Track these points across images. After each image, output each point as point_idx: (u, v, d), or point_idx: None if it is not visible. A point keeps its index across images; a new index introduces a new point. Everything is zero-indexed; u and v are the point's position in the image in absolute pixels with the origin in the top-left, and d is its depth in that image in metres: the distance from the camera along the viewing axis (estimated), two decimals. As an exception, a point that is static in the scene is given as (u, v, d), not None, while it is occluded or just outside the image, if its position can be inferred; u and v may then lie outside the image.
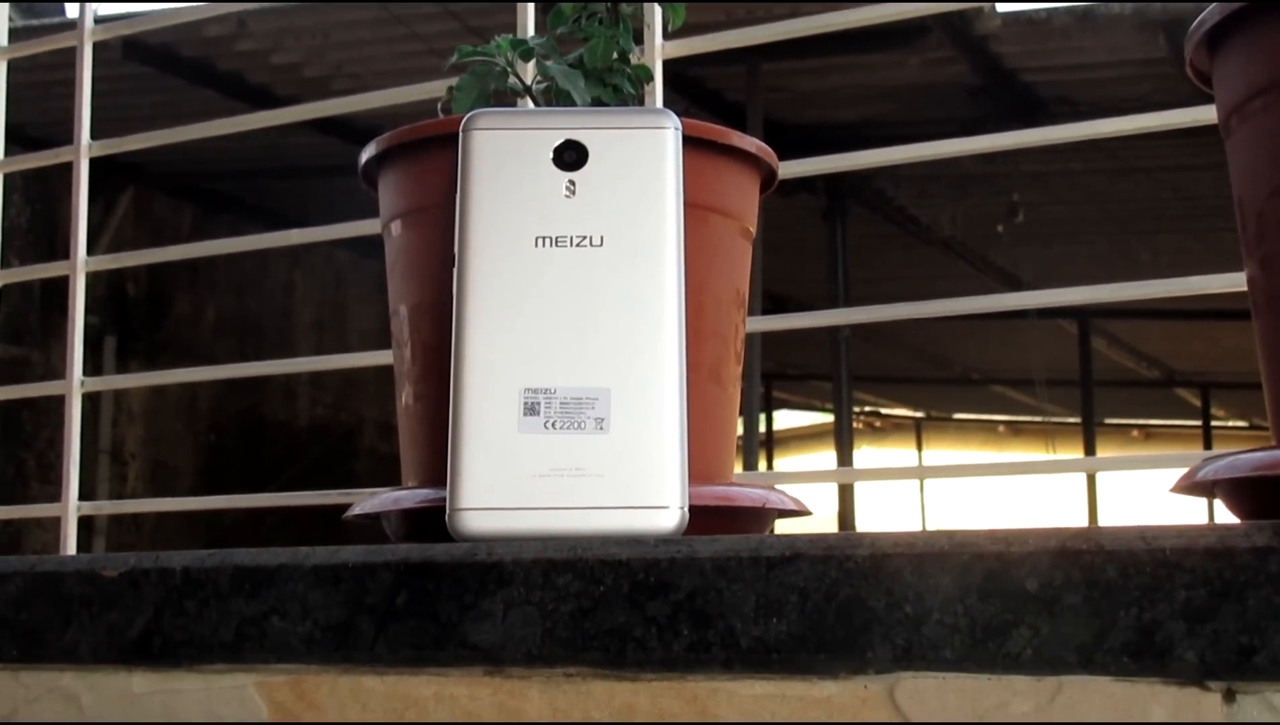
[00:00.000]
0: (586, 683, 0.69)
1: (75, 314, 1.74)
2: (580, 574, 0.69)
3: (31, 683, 0.80)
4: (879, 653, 0.63)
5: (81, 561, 0.79)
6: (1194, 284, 1.33)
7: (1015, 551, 0.61)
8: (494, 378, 0.76)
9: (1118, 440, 12.49)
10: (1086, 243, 7.27)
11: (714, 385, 0.86)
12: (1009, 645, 0.61)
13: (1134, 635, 0.59)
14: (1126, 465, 1.63)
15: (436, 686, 0.72)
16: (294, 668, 0.74)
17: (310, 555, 0.74)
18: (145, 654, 0.77)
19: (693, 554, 0.67)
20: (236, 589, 0.75)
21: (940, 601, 0.62)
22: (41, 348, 5.92)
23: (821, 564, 0.64)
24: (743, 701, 0.66)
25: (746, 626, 0.66)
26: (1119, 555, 0.60)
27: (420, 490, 0.83)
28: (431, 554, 0.72)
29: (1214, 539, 0.58)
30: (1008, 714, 0.61)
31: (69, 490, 1.69)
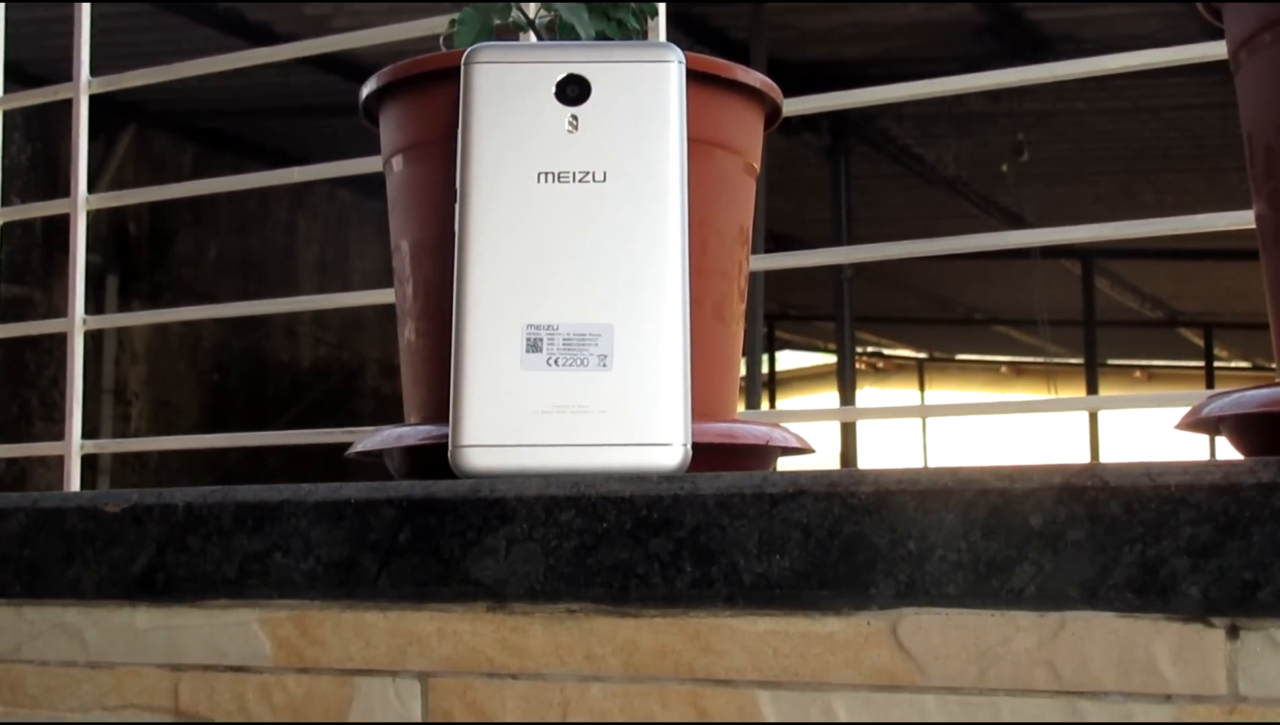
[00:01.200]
0: (589, 619, 0.69)
1: (76, 252, 1.74)
2: (583, 510, 0.69)
3: (35, 618, 0.81)
4: (882, 589, 0.63)
5: (84, 498, 0.79)
6: (1200, 222, 1.33)
7: (1019, 488, 0.61)
8: (496, 314, 0.76)
9: (1120, 381, 12.49)
10: (1091, 183, 7.24)
11: (717, 322, 0.85)
12: (1012, 581, 0.61)
13: (1138, 571, 0.59)
14: (1129, 404, 1.63)
15: (439, 623, 0.72)
16: (297, 604, 0.74)
17: (312, 492, 0.74)
18: (148, 590, 0.77)
19: (696, 490, 0.67)
20: (239, 525, 0.75)
21: (944, 538, 0.62)
22: (44, 287, 5.92)
23: (825, 500, 0.64)
24: (745, 638, 0.66)
25: (749, 563, 0.65)
26: (1123, 491, 0.59)
27: (423, 427, 0.83)
28: (434, 490, 0.72)
29: (1219, 475, 0.58)
30: (1011, 650, 0.61)
31: (72, 428, 1.69)
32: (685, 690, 0.67)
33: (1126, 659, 0.60)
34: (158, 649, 0.77)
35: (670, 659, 0.67)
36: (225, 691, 0.76)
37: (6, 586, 0.81)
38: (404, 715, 0.72)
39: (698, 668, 0.67)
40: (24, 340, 5.54)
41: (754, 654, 0.66)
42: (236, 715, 0.75)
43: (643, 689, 0.68)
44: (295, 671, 0.74)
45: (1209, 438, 0.83)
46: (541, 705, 0.69)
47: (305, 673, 0.74)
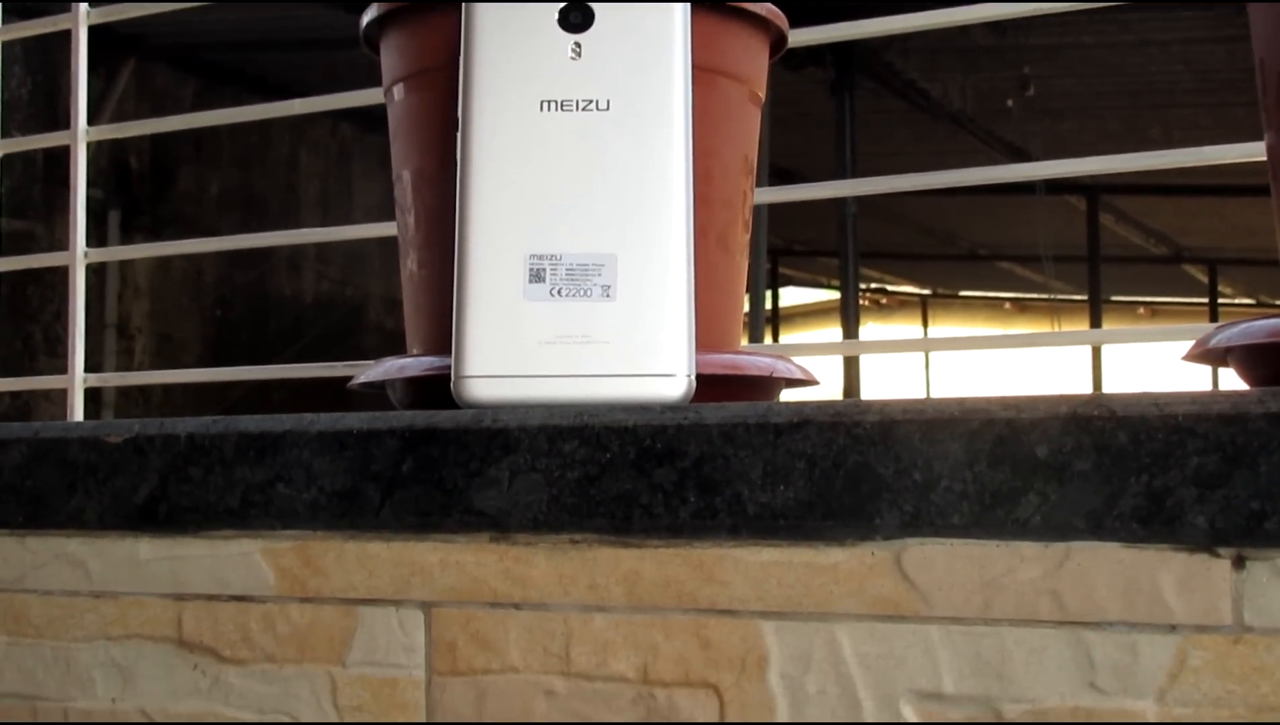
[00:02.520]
0: (592, 549, 0.69)
1: (77, 185, 1.73)
2: (586, 441, 0.68)
3: (38, 549, 0.80)
4: (887, 519, 0.63)
5: (86, 428, 0.79)
6: (1207, 154, 1.31)
7: (1025, 418, 0.61)
8: (499, 244, 0.75)
9: (1124, 317, 12.48)
10: (1097, 118, 7.20)
11: (721, 253, 0.85)
12: (1018, 512, 0.61)
13: (1144, 501, 0.59)
14: (1133, 338, 1.62)
15: (442, 553, 0.72)
16: (300, 534, 0.74)
17: (315, 422, 0.74)
18: (151, 520, 0.77)
19: (700, 420, 0.67)
20: (241, 456, 0.75)
21: (949, 468, 0.62)
22: (45, 222, 5.90)
23: (830, 430, 0.64)
24: (749, 568, 0.66)
25: (754, 493, 0.65)
26: (1131, 421, 0.59)
27: (425, 358, 0.82)
28: (437, 421, 0.71)
29: (1227, 405, 0.58)
30: (1015, 580, 0.61)
31: (74, 361, 1.69)
32: (688, 620, 0.67)
33: (1131, 589, 0.60)
34: (161, 579, 0.77)
35: (673, 589, 0.67)
36: (228, 621, 0.76)
37: (9, 517, 0.81)
38: (407, 645, 0.72)
39: (701, 598, 0.67)
40: (27, 275, 5.53)
41: (758, 584, 0.66)
42: (240, 645, 0.75)
43: (646, 619, 0.68)
44: (298, 601, 0.74)
45: (1211, 372, 0.83)
46: (544, 635, 0.69)
47: (308, 603, 0.74)
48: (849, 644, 0.64)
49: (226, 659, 0.76)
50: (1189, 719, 0.59)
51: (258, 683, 0.75)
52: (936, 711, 0.63)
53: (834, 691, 0.64)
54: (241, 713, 0.75)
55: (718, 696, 0.66)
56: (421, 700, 0.72)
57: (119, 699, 0.78)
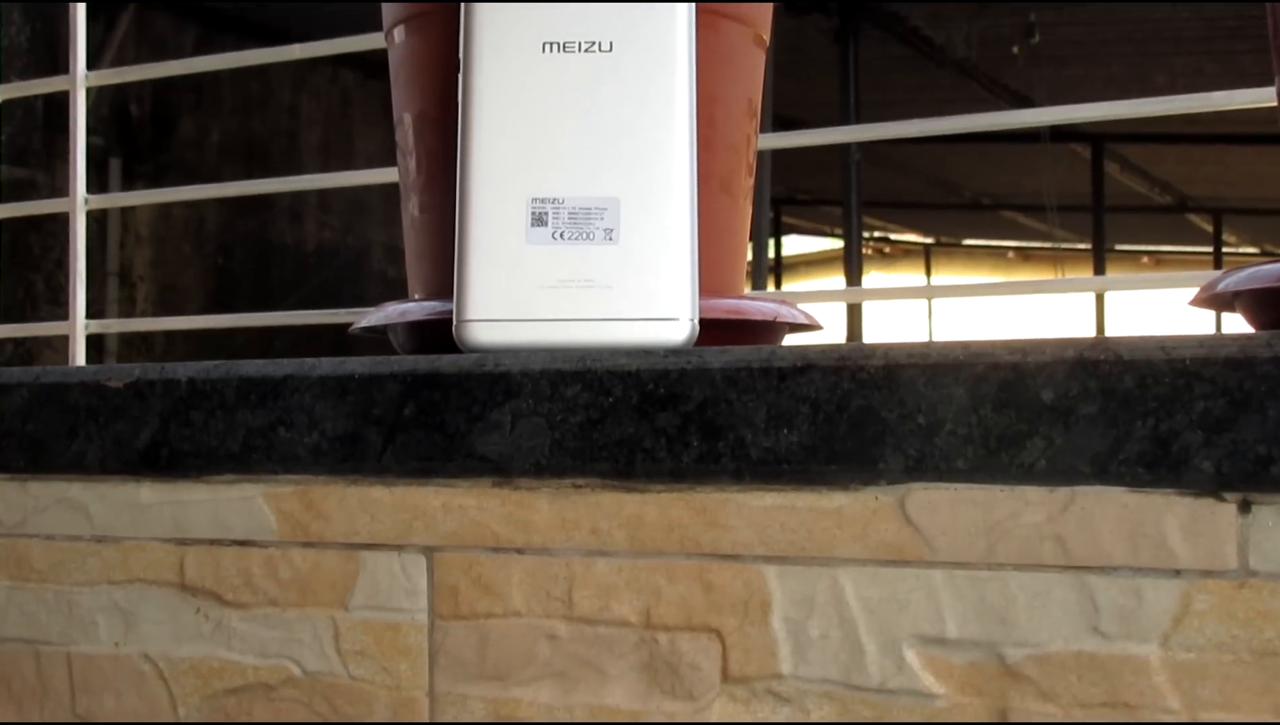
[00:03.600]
0: (595, 494, 0.69)
1: (76, 130, 1.72)
2: (589, 385, 0.68)
3: (40, 493, 0.80)
4: (891, 464, 0.63)
5: (87, 372, 0.79)
6: (1216, 100, 1.30)
7: (1031, 361, 0.60)
8: (501, 187, 0.74)
9: (1128, 267, 12.45)
10: (1102, 66, 7.15)
11: (725, 197, 0.84)
12: (1022, 456, 0.60)
13: (1150, 446, 0.58)
14: (1138, 285, 1.61)
15: (444, 498, 0.71)
16: (301, 479, 0.74)
17: (316, 366, 0.74)
18: (152, 465, 0.77)
19: (703, 364, 0.66)
20: (243, 400, 0.75)
21: (954, 412, 0.61)
22: (46, 170, 5.88)
23: (834, 374, 0.64)
24: (752, 513, 0.66)
25: (757, 437, 0.65)
26: (1137, 365, 0.59)
27: (427, 302, 0.82)
28: (438, 365, 0.71)
29: (1235, 349, 0.57)
30: (1019, 525, 0.61)
31: (76, 308, 1.69)
32: (691, 565, 0.67)
33: (1136, 534, 0.59)
34: (163, 523, 0.77)
35: (676, 534, 0.67)
36: (231, 566, 0.76)
37: (10, 461, 0.80)
38: (410, 590, 0.72)
39: (704, 543, 0.67)
40: (28, 223, 5.51)
41: (761, 529, 0.66)
42: (242, 589, 0.75)
43: (649, 564, 0.68)
44: (300, 546, 0.74)
45: (1215, 319, 0.82)
46: (547, 580, 0.69)
47: (310, 547, 0.74)
48: (852, 588, 0.64)
49: (229, 603, 0.76)
50: (1193, 664, 0.59)
51: (260, 627, 0.75)
52: (940, 656, 0.63)
53: (837, 636, 0.64)
54: (244, 656, 0.76)
55: (720, 641, 0.66)
56: (424, 644, 0.72)
57: (122, 643, 0.78)
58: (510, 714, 0.70)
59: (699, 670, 0.67)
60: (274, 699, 0.75)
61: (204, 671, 0.76)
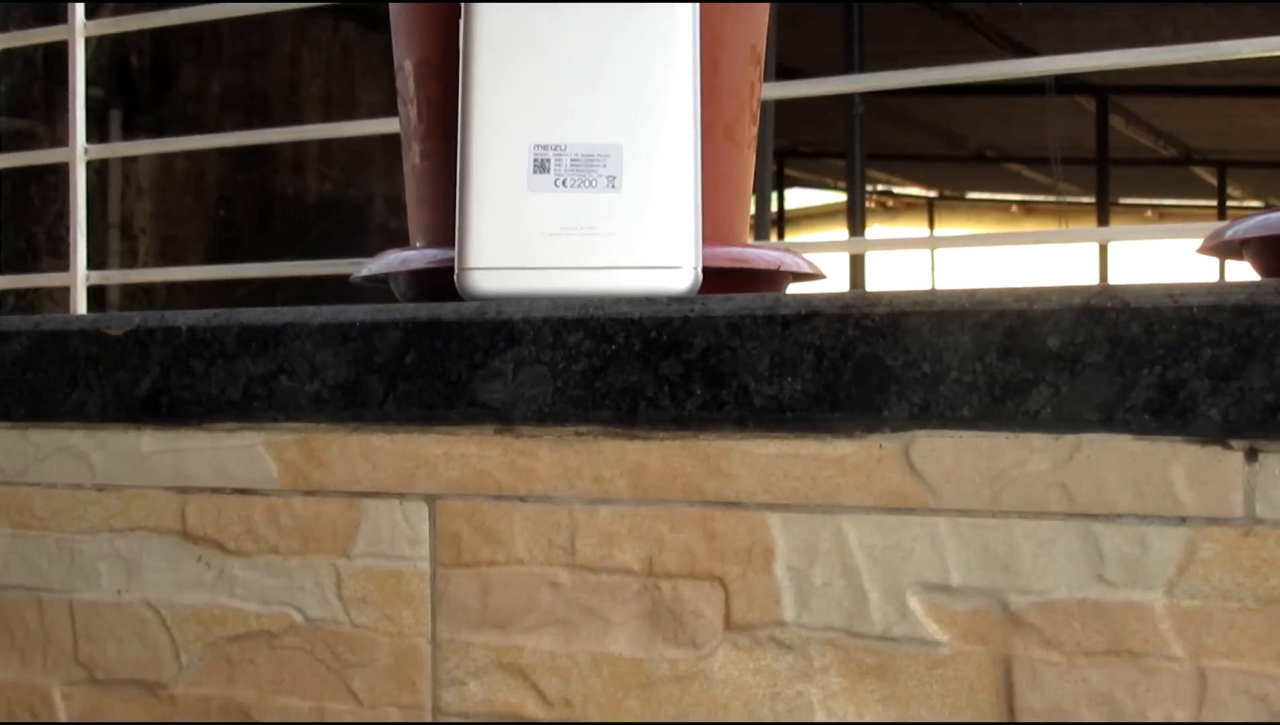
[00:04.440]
0: (598, 441, 0.68)
1: (76, 80, 1.71)
2: (591, 332, 0.68)
3: (41, 442, 0.80)
4: (895, 411, 0.62)
5: (86, 320, 0.78)
6: (1223, 50, 1.29)
7: (1037, 309, 0.60)
8: (502, 134, 0.74)
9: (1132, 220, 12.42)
10: (1108, 18, 7.11)
11: (728, 145, 0.83)
12: (1028, 403, 0.60)
13: (1156, 393, 0.58)
14: (1142, 236, 1.61)
15: (446, 446, 0.71)
16: (303, 427, 0.74)
17: (317, 314, 0.73)
18: (153, 413, 0.77)
19: (706, 312, 0.66)
20: (243, 348, 0.74)
21: (959, 359, 0.61)
22: (46, 121, 5.86)
23: (838, 322, 0.63)
24: (755, 461, 0.65)
25: (760, 385, 0.65)
26: (1144, 312, 0.58)
27: (428, 251, 0.81)
28: (440, 313, 0.71)
29: (1243, 296, 0.57)
30: (1024, 473, 0.61)
31: (77, 258, 1.68)
32: (694, 513, 0.67)
33: (1142, 482, 0.59)
34: (164, 472, 0.77)
35: (679, 482, 0.67)
36: (232, 514, 0.76)
37: (11, 409, 0.80)
38: (412, 538, 0.72)
39: (707, 490, 0.66)
40: (29, 175, 5.50)
41: (764, 477, 0.65)
42: (244, 537, 0.75)
43: (651, 512, 0.67)
44: (302, 494, 0.74)
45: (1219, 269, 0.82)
46: (549, 527, 0.69)
47: (312, 495, 0.74)
48: (856, 536, 0.64)
49: (231, 551, 0.76)
50: (1197, 611, 0.58)
51: (262, 575, 0.75)
52: (943, 603, 0.62)
53: (840, 584, 0.64)
54: (247, 604, 0.75)
55: (723, 588, 0.66)
56: (426, 592, 0.71)
57: (124, 591, 0.78)
58: (513, 661, 0.70)
59: (702, 618, 0.67)
60: (276, 646, 0.75)
61: (206, 619, 0.76)
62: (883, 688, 0.64)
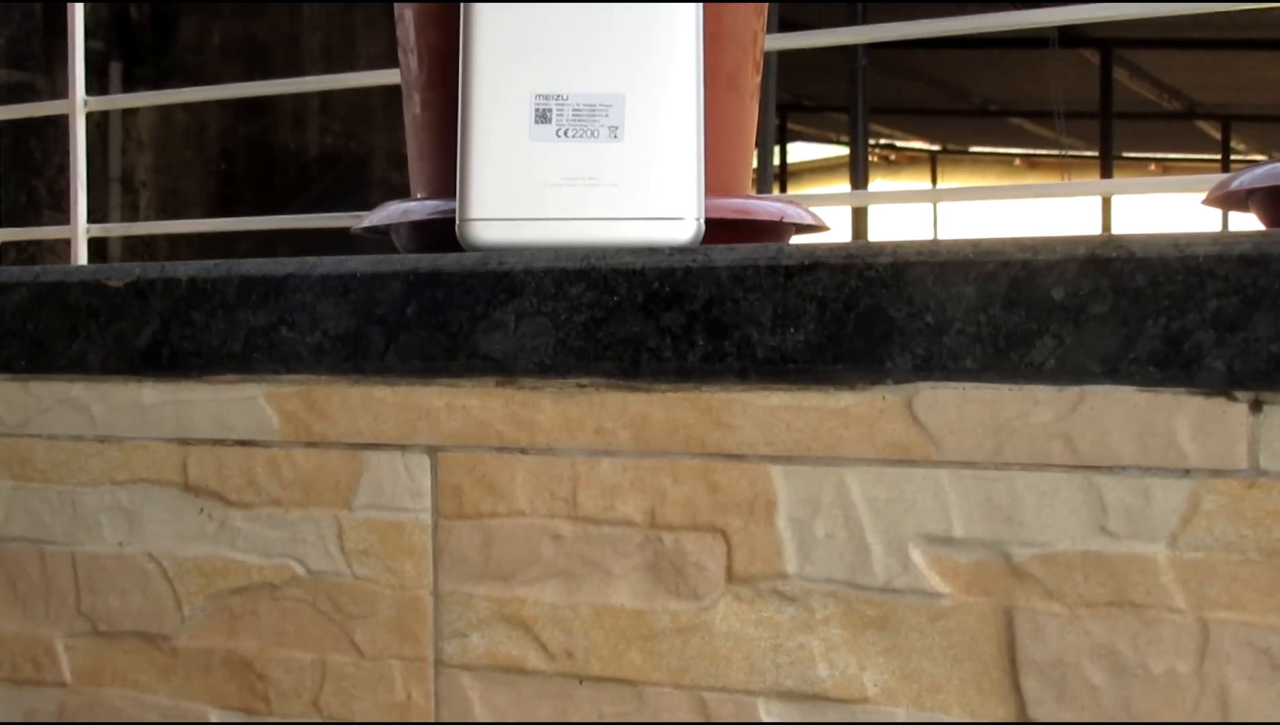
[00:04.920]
0: (600, 393, 0.68)
1: (75, 31, 1.70)
2: (593, 284, 0.67)
3: (42, 393, 0.80)
4: (898, 363, 0.62)
5: (86, 272, 0.78)
6: (1230, 2, 1.28)
7: (1042, 259, 0.59)
8: (504, 83, 0.73)
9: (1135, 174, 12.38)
10: (1114, -30, 7.06)
11: (731, 95, 0.83)
12: (1032, 355, 0.60)
13: (1161, 344, 0.58)
14: (1146, 188, 1.60)
15: (448, 397, 0.71)
16: (304, 378, 0.74)
17: (317, 265, 0.73)
18: (154, 364, 0.76)
19: (709, 263, 0.65)
20: (244, 299, 0.74)
21: (963, 311, 0.61)
22: (46, 74, 5.83)
23: (841, 273, 0.63)
24: (758, 412, 0.65)
25: (763, 336, 0.64)
26: (1150, 263, 0.58)
27: (429, 202, 0.81)
28: (441, 264, 0.70)
29: (1250, 246, 0.56)
30: (1028, 424, 0.61)
31: (77, 210, 1.68)
32: (696, 465, 0.66)
33: (1146, 433, 0.59)
34: (165, 424, 0.77)
35: (682, 434, 0.67)
36: (234, 466, 0.75)
37: (11, 361, 0.80)
38: (414, 490, 0.72)
39: (709, 442, 0.66)
40: (29, 128, 5.48)
41: (767, 429, 0.65)
42: (246, 489, 0.75)
43: (654, 463, 0.67)
44: (304, 446, 0.74)
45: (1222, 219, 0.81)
46: (551, 480, 0.69)
47: (314, 447, 0.74)
48: (858, 488, 0.64)
49: (233, 503, 0.76)
50: (1200, 563, 0.58)
51: (264, 527, 0.75)
52: (945, 555, 0.62)
53: (842, 536, 0.64)
54: (248, 556, 0.75)
55: (725, 540, 0.66)
56: (428, 544, 0.71)
57: (126, 543, 0.78)
58: (514, 613, 0.70)
59: (704, 570, 0.66)
60: (278, 598, 0.75)
61: (208, 571, 0.76)
62: (884, 639, 0.64)
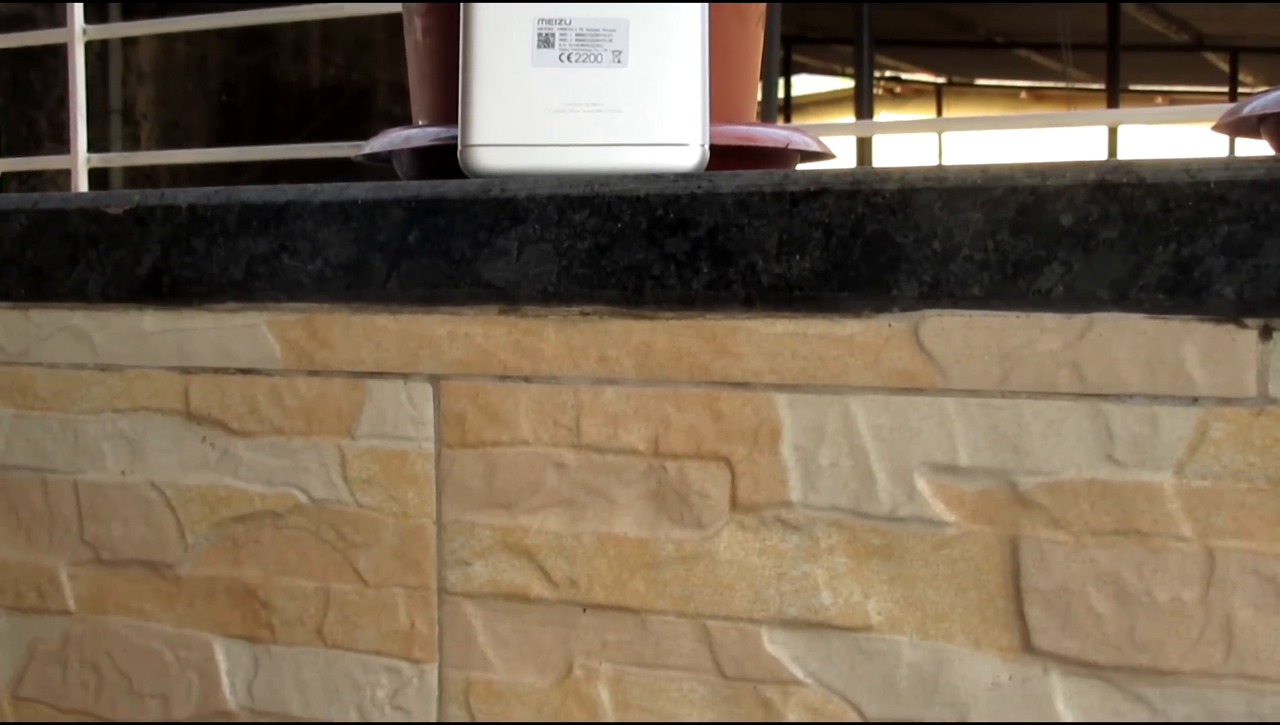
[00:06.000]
0: (603, 321, 0.68)
1: (73, -42, 1.68)
2: (597, 210, 0.67)
3: (42, 321, 0.79)
4: (905, 290, 0.62)
5: (86, 199, 0.77)
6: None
7: (1051, 185, 0.59)
8: (506, 8, 0.72)
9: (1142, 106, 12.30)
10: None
11: (736, 20, 0.82)
12: (1040, 282, 0.59)
13: (1171, 271, 0.57)
14: (1153, 119, 1.59)
15: (451, 326, 0.70)
16: (306, 306, 0.73)
17: (318, 192, 0.72)
18: (155, 292, 0.76)
19: (714, 189, 0.65)
20: (244, 226, 0.73)
21: (970, 237, 0.60)
22: (45, 4, 5.79)
23: (848, 199, 0.62)
24: (763, 340, 0.65)
25: (768, 264, 0.64)
26: (1160, 188, 0.57)
27: (431, 128, 0.80)
28: (443, 190, 0.69)
29: (1262, 171, 0.56)
30: (1035, 352, 0.60)
31: (77, 140, 1.67)
32: (700, 393, 0.66)
33: (1154, 361, 0.58)
34: (166, 352, 0.77)
35: (686, 361, 0.66)
36: (236, 394, 0.75)
37: (11, 289, 0.79)
38: (416, 418, 0.71)
39: (714, 370, 0.66)
40: (29, 60, 5.44)
41: (771, 356, 0.65)
42: (248, 418, 0.75)
43: (657, 392, 0.67)
44: (306, 374, 0.74)
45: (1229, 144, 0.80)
46: (555, 408, 0.69)
47: (316, 375, 0.73)
48: (863, 416, 0.63)
49: (235, 432, 0.75)
50: (1207, 491, 0.58)
51: (267, 455, 0.75)
52: (951, 484, 0.62)
53: (847, 464, 0.64)
54: (251, 485, 0.75)
55: (729, 469, 0.66)
56: (431, 472, 0.71)
57: (128, 471, 0.78)
58: (518, 542, 0.70)
59: (707, 498, 0.66)
60: (281, 527, 0.75)
61: (211, 499, 0.76)
62: (889, 568, 0.63)
